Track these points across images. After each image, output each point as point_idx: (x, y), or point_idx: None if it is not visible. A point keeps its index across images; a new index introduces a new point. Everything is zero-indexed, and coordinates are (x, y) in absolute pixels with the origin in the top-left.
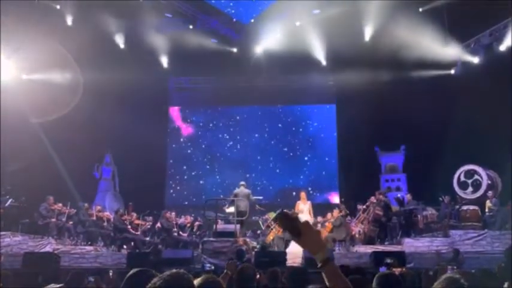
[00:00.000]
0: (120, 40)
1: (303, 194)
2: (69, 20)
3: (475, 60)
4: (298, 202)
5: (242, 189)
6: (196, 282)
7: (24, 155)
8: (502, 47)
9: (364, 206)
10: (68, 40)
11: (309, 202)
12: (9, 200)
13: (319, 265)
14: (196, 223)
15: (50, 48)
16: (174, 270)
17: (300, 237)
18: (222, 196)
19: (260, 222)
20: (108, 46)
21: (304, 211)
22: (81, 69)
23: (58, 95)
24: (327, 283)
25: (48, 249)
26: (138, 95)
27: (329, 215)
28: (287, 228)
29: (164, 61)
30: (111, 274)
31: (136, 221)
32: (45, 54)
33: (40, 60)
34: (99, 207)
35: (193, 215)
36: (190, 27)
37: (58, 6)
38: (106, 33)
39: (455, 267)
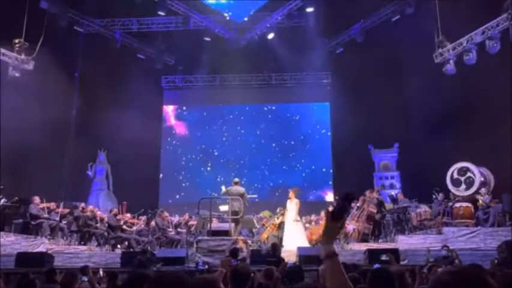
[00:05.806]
0: (113, 38)
1: (291, 193)
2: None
3: (468, 58)
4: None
5: (236, 188)
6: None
7: (17, 153)
8: (496, 45)
9: (358, 204)
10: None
11: (295, 200)
12: (2, 200)
13: (325, 256)
14: (190, 223)
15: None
16: (172, 272)
17: (336, 221)
18: (216, 194)
19: (254, 221)
20: (102, 44)
21: (291, 209)
22: (75, 68)
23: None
24: (328, 277)
25: (41, 249)
26: (132, 93)
27: (322, 213)
28: (340, 208)
29: (158, 59)
30: (101, 273)
31: (131, 220)
32: (41, 53)
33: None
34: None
35: (187, 214)
36: (184, 25)
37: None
38: (99, 31)
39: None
